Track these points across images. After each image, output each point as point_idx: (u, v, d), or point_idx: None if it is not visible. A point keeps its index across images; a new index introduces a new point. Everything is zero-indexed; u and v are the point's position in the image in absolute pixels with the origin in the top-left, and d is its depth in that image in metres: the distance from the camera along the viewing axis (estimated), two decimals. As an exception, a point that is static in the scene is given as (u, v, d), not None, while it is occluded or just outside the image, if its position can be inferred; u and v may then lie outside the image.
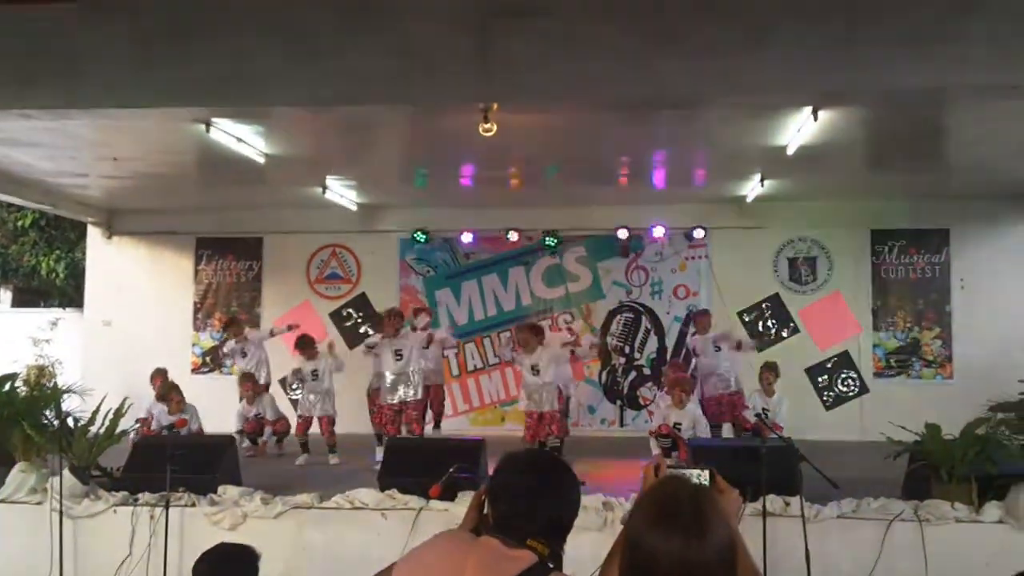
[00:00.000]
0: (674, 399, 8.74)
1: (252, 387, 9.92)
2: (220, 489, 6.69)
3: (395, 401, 8.95)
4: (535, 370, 8.80)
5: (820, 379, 11.64)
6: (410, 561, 2.04)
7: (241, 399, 9.97)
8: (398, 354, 8.94)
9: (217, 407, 9.97)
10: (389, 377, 8.98)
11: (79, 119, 7.28)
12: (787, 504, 6.01)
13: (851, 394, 11.60)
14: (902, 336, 11.71)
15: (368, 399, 9.77)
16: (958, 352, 11.51)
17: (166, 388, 9.39)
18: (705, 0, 5.82)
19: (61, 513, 6.32)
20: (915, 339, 11.67)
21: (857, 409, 11.43)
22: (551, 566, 1.96)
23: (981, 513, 5.99)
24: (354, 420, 9.95)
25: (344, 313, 12.34)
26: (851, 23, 5.73)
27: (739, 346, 9.83)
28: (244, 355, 10.26)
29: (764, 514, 5.53)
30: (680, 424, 8.57)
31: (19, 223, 15.63)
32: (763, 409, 9.18)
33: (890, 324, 11.73)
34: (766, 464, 5.60)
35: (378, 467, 7.18)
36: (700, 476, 2.04)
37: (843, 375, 11.65)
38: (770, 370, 9.46)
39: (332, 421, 9.33)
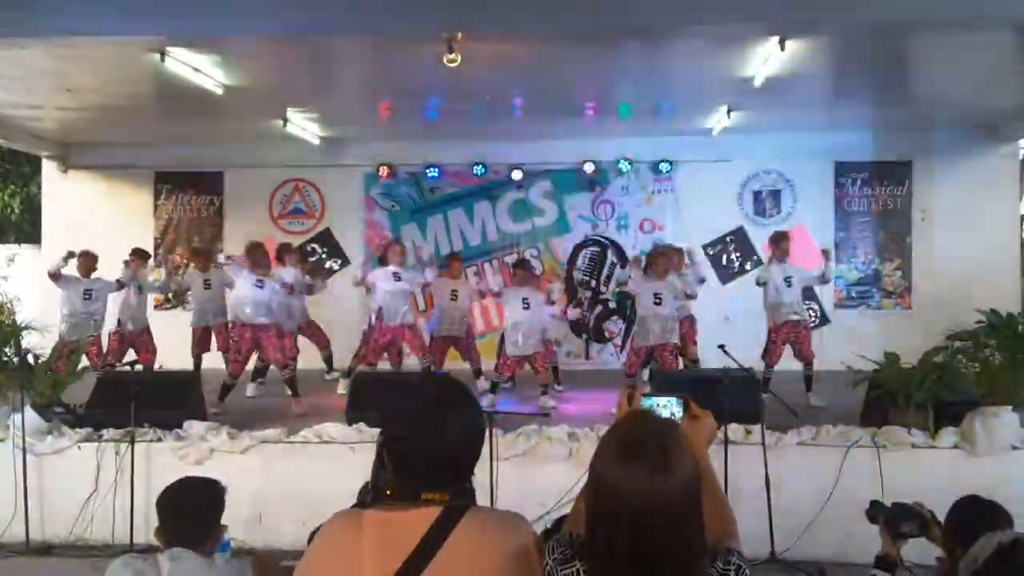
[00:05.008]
0: (656, 271, 8.68)
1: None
2: (185, 424, 6.68)
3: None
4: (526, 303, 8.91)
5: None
6: (306, 564, 1.80)
7: None
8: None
9: (181, 344, 9.89)
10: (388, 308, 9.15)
11: (32, 48, 7.04)
12: (748, 432, 6.13)
13: (812, 325, 11.75)
14: (863, 267, 11.86)
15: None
16: (917, 283, 11.69)
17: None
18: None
19: (24, 450, 6.27)
20: (876, 270, 11.84)
21: (818, 340, 11.59)
22: (458, 510, 1.72)
23: (937, 439, 6.16)
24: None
25: (309, 248, 12.21)
26: (819, -50, 5.66)
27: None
28: (208, 287, 9.98)
29: (726, 442, 5.64)
30: (660, 295, 8.56)
31: (-30, 157, 15.22)
32: (786, 278, 8.89)
33: (852, 255, 11.86)
34: (727, 394, 5.69)
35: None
36: (672, 404, 1.98)
37: (805, 306, 11.77)
38: (787, 239, 9.18)
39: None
